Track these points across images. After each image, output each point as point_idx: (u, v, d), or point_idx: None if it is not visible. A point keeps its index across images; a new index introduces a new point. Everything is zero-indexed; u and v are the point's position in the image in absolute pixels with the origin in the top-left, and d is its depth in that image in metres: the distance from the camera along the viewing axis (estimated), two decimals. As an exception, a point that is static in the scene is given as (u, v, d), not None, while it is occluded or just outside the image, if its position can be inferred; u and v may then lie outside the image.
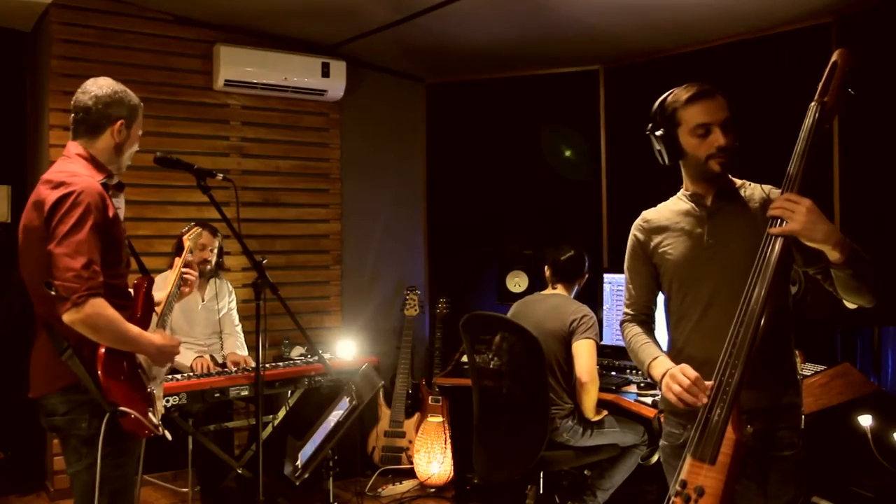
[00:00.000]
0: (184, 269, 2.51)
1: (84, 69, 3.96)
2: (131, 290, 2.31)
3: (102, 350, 2.09)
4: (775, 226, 1.76)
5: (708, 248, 2.01)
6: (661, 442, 2.16)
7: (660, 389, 1.96)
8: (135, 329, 2.15)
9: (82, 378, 2.09)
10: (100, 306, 2.03)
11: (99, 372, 2.09)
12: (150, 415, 2.21)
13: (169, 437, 2.33)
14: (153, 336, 2.23)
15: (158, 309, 2.38)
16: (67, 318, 2.01)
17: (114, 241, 2.16)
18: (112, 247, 2.15)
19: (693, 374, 1.83)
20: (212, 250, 3.86)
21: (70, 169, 2.15)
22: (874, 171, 3.38)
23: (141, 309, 2.26)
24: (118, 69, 4.07)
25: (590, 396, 3.28)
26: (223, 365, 3.79)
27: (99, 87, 2.24)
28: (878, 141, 3.35)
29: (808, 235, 1.72)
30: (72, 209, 2.03)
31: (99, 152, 2.24)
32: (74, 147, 2.23)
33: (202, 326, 3.91)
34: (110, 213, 2.14)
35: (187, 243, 2.74)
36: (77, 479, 2.14)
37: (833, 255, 1.75)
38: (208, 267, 3.87)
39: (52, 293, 2.00)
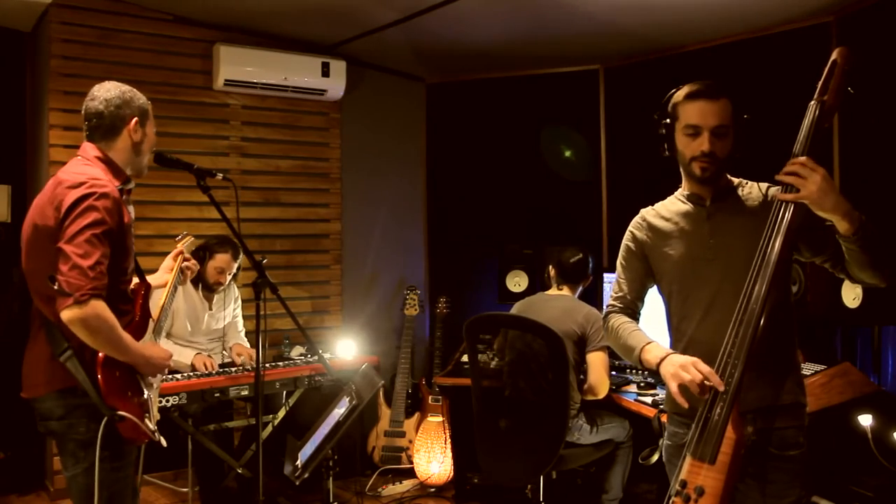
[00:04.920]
0: (183, 265, 2.57)
1: (84, 69, 3.97)
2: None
3: (102, 353, 2.08)
4: (787, 192, 1.75)
5: (710, 248, 2.00)
6: (665, 441, 2.15)
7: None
8: (127, 337, 2.11)
9: (81, 381, 2.07)
10: (100, 308, 2.00)
11: (99, 375, 2.06)
12: (147, 421, 2.20)
13: (164, 443, 2.31)
14: (143, 347, 2.20)
15: (155, 315, 2.37)
16: (66, 314, 1.97)
17: (125, 249, 2.16)
18: (123, 254, 2.15)
19: (706, 368, 1.78)
20: (229, 273, 3.83)
21: (90, 172, 2.13)
22: (874, 171, 3.37)
23: (139, 315, 2.25)
24: (118, 69, 4.06)
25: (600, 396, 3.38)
26: (223, 364, 3.78)
27: (106, 90, 2.24)
28: (878, 140, 3.34)
29: (818, 204, 1.72)
30: (89, 210, 2.02)
31: (117, 154, 2.23)
32: (92, 149, 2.21)
33: (204, 333, 3.90)
34: (125, 220, 2.15)
35: (179, 246, 2.74)
36: (74, 482, 2.13)
37: (842, 225, 1.73)
38: (221, 287, 3.86)
39: (55, 287, 1.97)
